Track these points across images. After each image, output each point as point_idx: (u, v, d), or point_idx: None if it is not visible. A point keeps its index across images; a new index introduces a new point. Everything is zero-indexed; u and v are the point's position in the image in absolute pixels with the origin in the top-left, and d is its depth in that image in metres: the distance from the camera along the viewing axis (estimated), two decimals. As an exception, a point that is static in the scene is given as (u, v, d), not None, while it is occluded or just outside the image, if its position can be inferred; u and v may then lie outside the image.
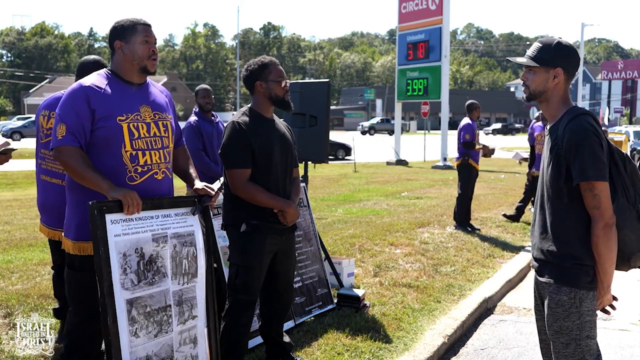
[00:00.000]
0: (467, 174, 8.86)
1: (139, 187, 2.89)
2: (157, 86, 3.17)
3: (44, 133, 3.81)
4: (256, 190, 3.49)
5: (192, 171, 3.29)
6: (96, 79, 2.95)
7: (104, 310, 2.59)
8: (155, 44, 3.03)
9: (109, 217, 2.64)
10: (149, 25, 3.02)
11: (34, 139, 4.00)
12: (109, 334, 2.60)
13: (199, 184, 3.15)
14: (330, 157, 27.30)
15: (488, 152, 8.92)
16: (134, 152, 2.89)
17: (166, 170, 3.06)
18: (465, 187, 8.83)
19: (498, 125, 65.57)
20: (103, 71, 3.02)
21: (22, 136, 36.91)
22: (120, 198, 2.73)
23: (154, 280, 2.77)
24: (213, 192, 3.07)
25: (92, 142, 2.86)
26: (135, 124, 2.91)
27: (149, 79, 3.15)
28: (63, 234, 3.01)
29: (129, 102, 2.93)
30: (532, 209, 9.82)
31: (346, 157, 27.65)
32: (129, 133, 2.88)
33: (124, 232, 2.68)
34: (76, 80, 3.86)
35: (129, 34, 2.96)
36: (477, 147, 8.75)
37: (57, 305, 4.14)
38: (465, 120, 8.91)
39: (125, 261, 2.67)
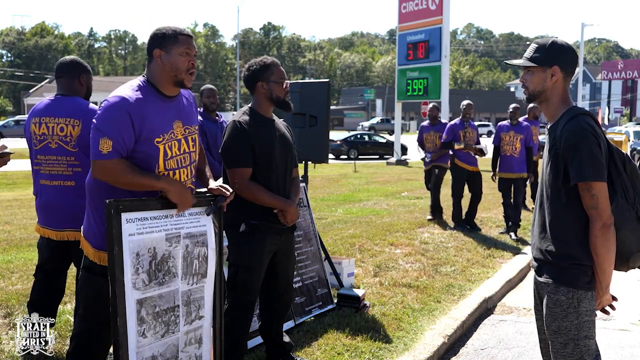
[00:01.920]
0: (456, 175, 9.04)
1: None
2: (183, 92, 3.07)
3: (38, 140, 3.77)
4: (258, 190, 3.50)
5: (207, 171, 3.23)
6: (135, 94, 2.81)
7: (115, 310, 2.57)
8: (195, 56, 2.95)
9: (124, 216, 2.62)
10: (191, 37, 2.93)
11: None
12: (118, 334, 2.59)
13: (213, 184, 3.10)
14: (389, 156, 28.07)
15: (476, 151, 8.90)
16: (165, 173, 2.85)
17: (191, 186, 3.02)
18: (454, 187, 9.01)
19: None
20: (139, 81, 2.89)
21: (2, 136, 36.42)
22: (174, 199, 2.77)
23: (164, 280, 2.75)
24: (228, 193, 3.02)
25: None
26: (170, 143, 2.86)
27: None
28: (82, 235, 2.96)
29: (165, 121, 2.87)
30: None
31: (402, 157, 27.96)
32: (164, 154, 2.84)
33: (139, 232, 2.65)
34: (61, 82, 3.85)
35: (170, 43, 2.86)
36: (457, 147, 8.79)
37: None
38: (452, 121, 9.08)
39: (138, 261, 2.64)
